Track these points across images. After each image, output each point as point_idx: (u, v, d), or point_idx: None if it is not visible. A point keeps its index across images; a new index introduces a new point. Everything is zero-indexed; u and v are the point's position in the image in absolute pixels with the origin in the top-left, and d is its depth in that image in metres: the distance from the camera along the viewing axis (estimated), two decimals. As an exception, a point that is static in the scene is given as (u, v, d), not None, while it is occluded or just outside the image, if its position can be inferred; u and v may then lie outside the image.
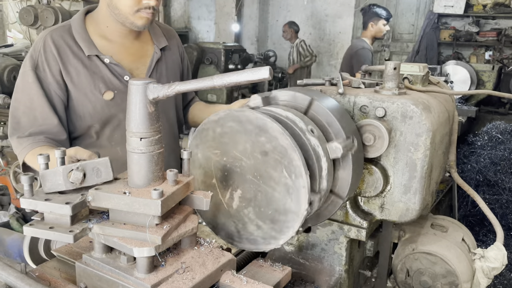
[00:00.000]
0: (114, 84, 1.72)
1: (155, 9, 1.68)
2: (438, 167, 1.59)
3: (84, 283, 0.97)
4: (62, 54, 1.67)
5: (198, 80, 0.89)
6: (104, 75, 1.70)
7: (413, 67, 1.71)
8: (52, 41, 1.67)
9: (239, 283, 0.98)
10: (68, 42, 1.69)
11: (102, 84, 1.70)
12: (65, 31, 1.71)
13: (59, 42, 1.67)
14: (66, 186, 0.94)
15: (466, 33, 8.56)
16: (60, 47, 1.67)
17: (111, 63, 1.71)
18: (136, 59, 1.81)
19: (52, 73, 1.65)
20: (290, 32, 8.34)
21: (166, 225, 0.94)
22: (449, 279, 1.55)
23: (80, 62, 1.68)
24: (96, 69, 1.70)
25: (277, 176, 1.12)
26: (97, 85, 1.70)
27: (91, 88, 1.69)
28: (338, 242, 1.51)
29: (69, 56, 1.67)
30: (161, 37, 1.88)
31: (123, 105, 1.71)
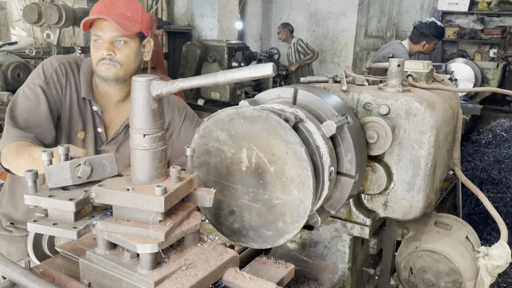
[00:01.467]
0: (88, 130, 1.86)
1: (113, 60, 1.78)
2: (442, 164, 1.58)
3: (87, 280, 0.98)
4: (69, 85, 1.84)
5: (202, 76, 0.89)
6: (86, 119, 1.86)
7: (417, 65, 1.70)
8: (65, 70, 1.84)
9: (242, 280, 0.98)
10: (75, 78, 1.86)
11: (81, 125, 1.84)
12: (75, 67, 1.88)
13: (68, 74, 1.85)
14: (73, 180, 0.95)
15: (471, 31, 8.52)
16: (69, 79, 1.84)
17: (96, 112, 1.87)
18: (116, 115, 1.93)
19: (58, 94, 1.81)
20: (285, 32, 8.37)
21: (169, 221, 0.94)
22: (452, 277, 1.55)
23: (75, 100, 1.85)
24: (83, 111, 1.86)
25: (284, 173, 1.12)
26: (76, 124, 1.84)
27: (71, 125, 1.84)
28: (341, 240, 1.51)
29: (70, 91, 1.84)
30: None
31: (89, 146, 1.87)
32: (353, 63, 10.04)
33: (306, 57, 8.25)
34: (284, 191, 1.13)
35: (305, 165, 1.07)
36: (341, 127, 1.22)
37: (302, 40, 8.41)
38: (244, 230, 1.22)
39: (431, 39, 4.54)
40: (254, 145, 1.14)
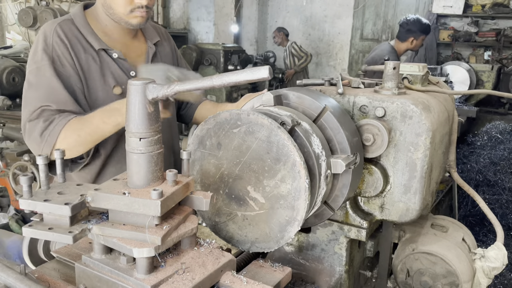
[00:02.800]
0: (122, 79, 1.72)
1: (149, 7, 1.68)
2: (438, 167, 1.59)
3: (83, 284, 0.97)
4: (74, 47, 1.65)
5: (198, 80, 0.89)
6: (113, 70, 1.71)
7: (412, 67, 1.71)
8: (63, 34, 1.64)
9: (239, 283, 0.98)
10: (77, 36, 1.67)
11: (112, 79, 1.70)
12: (70, 24, 1.69)
13: (69, 35, 1.66)
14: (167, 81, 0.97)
15: (465, 33, 8.57)
16: (72, 40, 1.65)
17: (119, 58, 1.72)
18: (136, 56, 1.82)
19: (70, 65, 1.64)
20: (280, 36, 8.41)
21: (165, 225, 0.93)
22: (449, 279, 1.55)
23: (90, 56, 1.68)
24: (105, 64, 1.70)
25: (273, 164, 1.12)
26: (107, 80, 1.70)
27: (101, 83, 1.69)
28: (338, 243, 1.51)
29: (80, 50, 1.66)
30: (153, 33, 1.90)
31: None
32: (348, 66, 10.08)
33: (301, 61, 8.28)
34: (280, 179, 1.13)
35: (301, 175, 1.07)
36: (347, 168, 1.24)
37: (296, 43, 8.45)
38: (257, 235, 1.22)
39: (418, 35, 4.64)
40: (248, 150, 1.14)
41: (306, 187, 1.08)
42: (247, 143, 1.13)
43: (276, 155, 1.10)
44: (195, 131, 1.20)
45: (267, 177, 1.13)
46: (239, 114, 1.11)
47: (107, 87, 1.70)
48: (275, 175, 1.12)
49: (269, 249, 1.21)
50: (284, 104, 1.34)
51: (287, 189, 1.11)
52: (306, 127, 1.20)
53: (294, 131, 1.16)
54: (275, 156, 1.10)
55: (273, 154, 1.10)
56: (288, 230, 1.15)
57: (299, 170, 1.08)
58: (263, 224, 1.18)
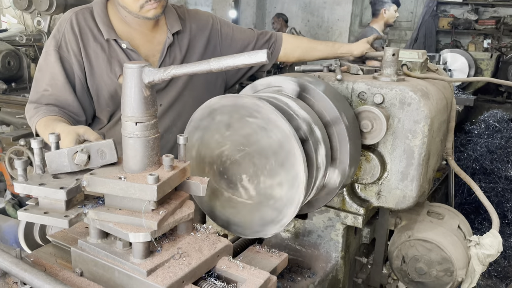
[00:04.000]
0: None
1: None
2: (436, 154, 1.59)
3: (79, 268, 0.97)
4: (84, 36, 1.72)
5: (195, 63, 0.87)
6: (121, 60, 1.74)
7: (411, 54, 1.69)
8: (76, 22, 1.72)
9: (236, 268, 0.98)
10: (90, 25, 1.74)
11: (118, 68, 1.73)
12: (87, 13, 1.75)
13: (81, 24, 1.73)
14: (71, 167, 0.94)
15: (465, 21, 8.52)
16: (83, 29, 1.73)
17: (127, 49, 1.75)
18: (153, 46, 1.83)
19: (74, 54, 1.71)
20: (279, 22, 8.31)
21: (162, 210, 0.93)
22: (444, 266, 1.56)
23: (99, 45, 1.73)
24: (114, 53, 1.74)
25: (276, 168, 1.12)
26: (113, 69, 1.74)
27: (107, 71, 1.74)
28: (334, 229, 1.51)
29: (90, 39, 1.73)
30: (175, 21, 1.86)
31: None
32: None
33: None
34: (278, 186, 1.13)
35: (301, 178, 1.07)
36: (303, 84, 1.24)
37: (295, 29, 8.36)
38: (237, 219, 1.22)
39: (389, 5, 4.82)
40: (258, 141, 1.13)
41: (301, 199, 1.09)
42: (258, 137, 1.12)
43: (282, 160, 1.10)
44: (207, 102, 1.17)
45: (265, 175, 1.13)
46: (259, 106, 1.10)
47: (113, 75, 1.74)
48: (274, 176, 1.12)
49: (243, 235, 1.23)
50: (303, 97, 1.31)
51: (281, 194, 1.12)
52: (318, 136, 1.20)
53: (306, 140, 1.15)
54: (280, 161, 1.10)
55: (280, 158, 1.10)
56: (270, 228, 1.17)
57: (299, 184, 1.08)
58: (245, 213, 1.19)
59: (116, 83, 1.74)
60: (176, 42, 1.86)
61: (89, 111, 1.78)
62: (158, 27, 1.84)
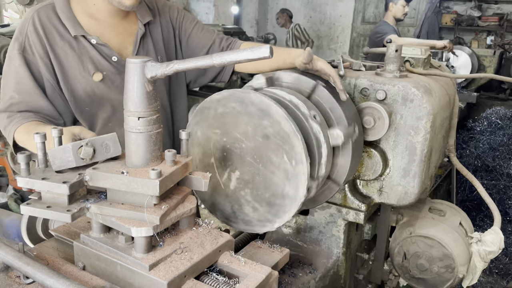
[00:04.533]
0: (102, 65, 1.66)
1: None
2: (438, 151, 1.58)
3: (82, 263, 0.97)
4: (49, 35, 1.60)
5: (197, 58, 0.87)
6: (92, 56, 1.65)
7: (414, 50, 1.69)
8: (39, 22, 1.60)
9: (237, 263, 0.98)
10: (54, 22, 1.61)
11: (91, 65, 1.64)
12: (49, 10, 1.63)
13: (45, 23, 1.60)
14: (76, 162, 0.93)
15: (468, 18, 8.48)
16: (47, 28, 1.60)
17: (98, 44, 1.65)
18: (125, 38, 1.74)
19: (40, 56, 1.59)
20: (283, 17, 8.26)
21: (164, 205, 0.93)
22: (445, 262, 1.56)
23: (67, 44, 1.62)
24: (84, 50, 1.64)
25: (277, 160, 1.11)
26: (86, 67, 1.64)
27: (80, 70, 1.64)
28: (336, 225, 1.51)
29: (56, 38, 1.61)
30: (145, 12, 1.79)
31: (114, 86, 1.66)
32: (349, 49, 9.99)
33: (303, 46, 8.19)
34: (279, 181, 1.13)
35: (303, 170, 1.07)
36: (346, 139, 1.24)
37: (300, 25, 8.33)
38: (237, 214, 1.22)
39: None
40: (255, 133, 1.13)
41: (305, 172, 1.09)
42: (257, 129, 1.13)
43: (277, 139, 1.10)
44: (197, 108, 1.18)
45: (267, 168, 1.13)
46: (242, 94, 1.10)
47: (86, 74, 1.64)
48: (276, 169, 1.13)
49: (246, 230, 1.24)
50: (277, 85, 1.32)
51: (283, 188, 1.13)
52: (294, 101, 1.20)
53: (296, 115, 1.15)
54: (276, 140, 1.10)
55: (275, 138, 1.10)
56: (272, 223, 1.17)
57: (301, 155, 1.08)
58: (248, 208, 1.19)
59: (91, 81, 1.64)
60: (147, 33, 1.79)
61: (66, 114, 1.67)
62: (128, 18, 1.76)
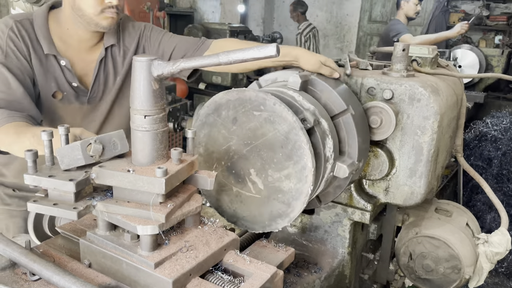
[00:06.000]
0: (64, 87, 1.72)
1: (119, 8, 1.65)
2: (445, 151, 1.57)
3: (88, 260, 0.98)
4: (28, 46, 1.65)
5: (204, 57, 0.87)
6: (57, 76, 1.70)
7: (422, 49, 1.68)
8: (18, 31, 1.63)
9: (243, 262, 0.98)
10: (31, 36, 1.66)
11: (54, 84, 1.69)
12: (29, 24, 1.67)
13: (23, 34, 1.65)
14: (85, 160, 0.93)
15: (476, 17, 8.40)
16: (25, 39, 1.64)
17: (65, 67, 1.71)
18: (87, 64, 1.79)
19: (25, 58, 1.63)
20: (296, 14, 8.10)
21: (170, 203, 0.93)
22: (452, 263, 1.55)
23: (38, 59, 1.66)
24: (51, 69, 1.69)
25: (283, 160, 1.11)
26: (49, 84, 1.68)
27: (43, 86, 1.68)
28: (341, 225, 1.51)
29: (31, 51, 1.65)
30: (111, 36, 1.82)
31: (69, 108, 1.73)
32: (356, 48, 9.94)
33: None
34: (285, 175, 1.12)
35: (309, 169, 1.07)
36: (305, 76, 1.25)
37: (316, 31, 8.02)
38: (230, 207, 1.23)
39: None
40: (262, 137, 1.13)
41: (309, 192, 1.09)
42: (264, 130, 1.12)
43: (289, 153, 1.10)
44: (213, 98, 1.18)
45: (273, 168, 1.13)
46: (264, 99, 1.10)
47: (49, 90, 1.69)
48: (282, 170, 1.12)
49: (253, 230, 1.24)
50: (309, 90, 1.31)
51: (289, 187, 1.12)
52: (324, 126, 1.20)
53: (313, 131, 1.15)
54: (288, 153, 1.10)
55: (287, 151, 1.10)
56: (278, 222, 1.17)
57: (307, 175, 1.08)
58: (254, 207, 1.19)
59: (50, 99, 1.68)
60: (108, 55, 1.83)
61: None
62: (97, 45, 1.80)
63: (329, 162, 1.20)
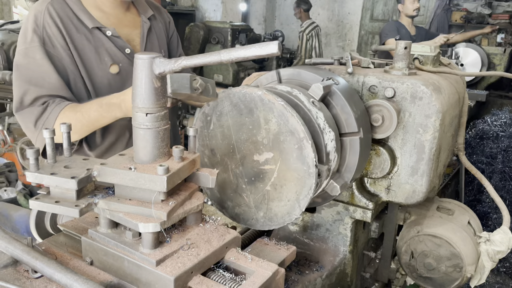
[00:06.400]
0: (118, 57, 1.66)
1: None
2: (447, 149, 1.57)
3: (90, 257, 0.98)
4: (67, 27, 1.58)
5: (205, 54, 0.87)
6: (108, 48, 1.64)
7: (424, 47, 1.67)
8: (56, 13, 1.56)
9: (244, 260, 0.98)
10: (69, 15, 1.59)
11: (108, 58, 1.64)
12: (62, 2, 1.61)
13: (61, 14, 1.58)
14: (191, 90, 0.93)
15: (478, 15, 8.39)
16: (64, 19, 1.58)
17: (113, 36, 1.65)
18: (131, 30, 1.76)
19: (62, 47, 1.57)
20: (299, 11, 8.06)
21: (171, 201, 0.93)
22: (453, 261, 1.55)
23: (83, 36, 1.60)
24: (99, 42, 1.63)
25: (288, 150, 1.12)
26: (103, 59, 1.63)
27: (97, 62, 1.63)
28: (343, 223, 1.51)
29: (73, 30, 1.59)
30: (146, 7, 1.83)
31: (128, 78, 1.66)
32: (358, 47, 9.92)
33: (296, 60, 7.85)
34: (286, 170, 1.13)
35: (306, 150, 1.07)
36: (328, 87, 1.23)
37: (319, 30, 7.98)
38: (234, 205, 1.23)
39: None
40: (265, 129, 1.13)
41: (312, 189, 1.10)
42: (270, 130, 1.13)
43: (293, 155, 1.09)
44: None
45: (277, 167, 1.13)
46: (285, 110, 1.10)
47: (104, 66, 1.63)
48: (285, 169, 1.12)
49: (253, 227, 1.25)
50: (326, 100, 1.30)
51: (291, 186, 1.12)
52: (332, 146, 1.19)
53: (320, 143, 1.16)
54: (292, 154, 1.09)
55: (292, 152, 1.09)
56: (280, 219, 1.18)
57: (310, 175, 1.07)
58: (256, 204, 1.20)
59: (108, 73, 1.64)
60: (152, 27, 1.82)
61: None
62: (129, 11, 1.78)
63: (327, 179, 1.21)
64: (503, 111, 4.30)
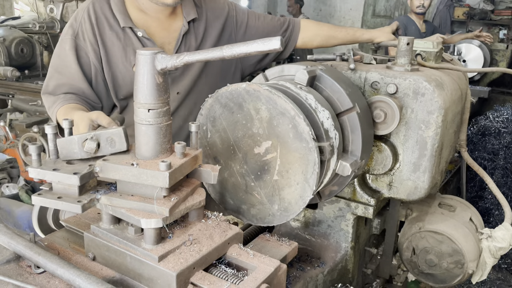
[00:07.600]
0: None
1: None
2: (449, 146, 1.57)
3: (92, 253, 0.98)
4: (100, 25, 1.74)
5: (208, 50, 0.87)
6: (136, 48, 1.73)
7: (426, 43, 1.67)
8: (93, 11, 1.74)
9: (246, 256, 0.99)
10: (106, 14, 1.75)
11: (133, 57, 1.73)
12: (105, 1, 1.77)
13: (98, 13, 1.75)
14: (80, 154, 0.95)
15: (481, 11, 8.36)
16: (99, 18, 1.74)
17: (143, 37, 1.75)
18: (169, 34, 1.83)
19: (91, 43, 1.73)
20: (296, 7, 8.05)
21: (173, 197, 0.94)
22: (455, 258, 1.55)
23: (114, 34, 1.74)
24: (129, 42, 1.75)
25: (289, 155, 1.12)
26: (128, 57, 1.75)
27: (122, 60, 1.75)
28: (345, 219, 1.51)
29: (106, 28, 1.74)
30: (191, 9, 1.86)
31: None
32: (359, 43, 9.89)
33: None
34: (287, 154, 1.12)
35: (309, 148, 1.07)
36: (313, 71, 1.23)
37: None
38: (248, 207, 1.22)
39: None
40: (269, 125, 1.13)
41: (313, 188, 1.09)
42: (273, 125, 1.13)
43: (295, 147, 1.09)
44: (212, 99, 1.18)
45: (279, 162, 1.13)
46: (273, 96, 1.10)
47: (128, 64, 1.75)
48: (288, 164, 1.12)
49: (255, 223, 1.25)
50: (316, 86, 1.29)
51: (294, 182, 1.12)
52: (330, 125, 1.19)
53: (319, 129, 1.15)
54: (293, 148, 1.09)
55: (292, 146, 1.09)
56: (282, 216, 1.18)
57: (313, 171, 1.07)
58: (258, 201, 1.20)
59: (130, 71, 1.75)
60: (191, 30, 1.85)
61: (105, 99, 1.80)
62: (175, 14, 1.84)
63: (333, 159, 1.19)
64: (506, 108, 4.29)
